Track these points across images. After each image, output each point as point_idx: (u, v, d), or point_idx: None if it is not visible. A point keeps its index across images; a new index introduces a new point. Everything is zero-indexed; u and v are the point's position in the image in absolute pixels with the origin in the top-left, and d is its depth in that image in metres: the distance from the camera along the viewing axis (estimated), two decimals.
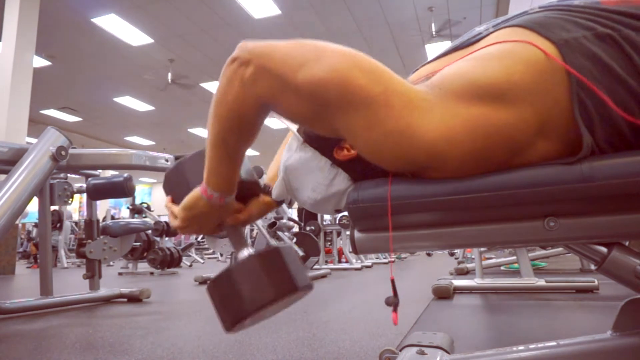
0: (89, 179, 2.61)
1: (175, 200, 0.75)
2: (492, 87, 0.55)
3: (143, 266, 5.64)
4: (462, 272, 3.81)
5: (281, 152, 0.89)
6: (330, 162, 0.70)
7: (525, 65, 0.54)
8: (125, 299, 2.58)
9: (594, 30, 0.54)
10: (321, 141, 0.72)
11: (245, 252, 0.70)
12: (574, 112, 0.53)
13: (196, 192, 0.69)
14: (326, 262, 5.92)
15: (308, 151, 0.72)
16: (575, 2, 0.60)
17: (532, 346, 0.70)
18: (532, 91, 0.54)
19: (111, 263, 7.33)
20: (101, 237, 2.67)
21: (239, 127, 0.62)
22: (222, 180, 0.67)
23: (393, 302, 0.63)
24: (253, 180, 0.77)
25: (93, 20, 6.15)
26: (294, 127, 0.76)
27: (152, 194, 19.85)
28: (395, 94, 0.55)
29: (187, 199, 0.70)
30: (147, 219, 5.55)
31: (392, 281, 0.64)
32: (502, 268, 3.97)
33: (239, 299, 0.62)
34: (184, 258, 6.04)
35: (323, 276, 4.15)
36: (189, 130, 11.63)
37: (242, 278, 0.63)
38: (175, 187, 0.75)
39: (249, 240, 7.44)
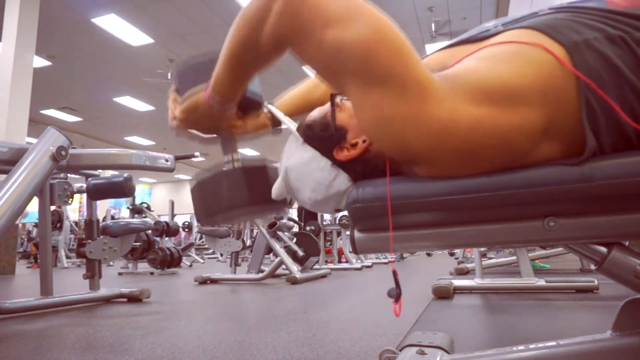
0: (89, 179, 2.61)
1: (180, 92, 0.77)
2: (503, 89, 0.54)
3: (143, 266, 5.64)
4: (462, 272, 3.81)
5: (303, 87, 0.91)
6: (330, 163, 0.70)
7: (536, 68, 0.54)
8: (125, 299, 2.58)
9: (605, 32, 0.54)
10: (321, 141, 0.72)
11: (231, 160, 0.76)
12: (581, 116, 0.53)
13: (199, 96, 0.71)
14: (326, 262, 5.92)
15: (308, 151, 0.72)
16: (583, 4, 0.60)
17: (532, 346, 0.70)
18: (541, 94, 0.54)
19: (111, 263, 7.33)
20: (101, 237, 2.67)
21: (254, 54, 0.63)
22: (227, 89, 0.69)
23: (395, 294, 0.63)
24: (257, 99, 0.80)
25: (93, 20, 6.15)
26: (293, 126, 0.76)
27: (152, 194, 19.85)
28: (413, 79, 0.55)
29: (189, 100, 0.73)
30: (147, 219, 5.55)
31: (394, 273, 0.64)
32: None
33: (217, 197, 0.69)
34: (184, 258, 6.04)
35: (323, 276, 4.15)
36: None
37: (225, 181, 0.70)
38: (182, 81, 0.78)
39: (248, 242, 7.44)
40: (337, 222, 6.07)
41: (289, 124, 0.77)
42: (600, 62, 0.53)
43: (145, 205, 6.26)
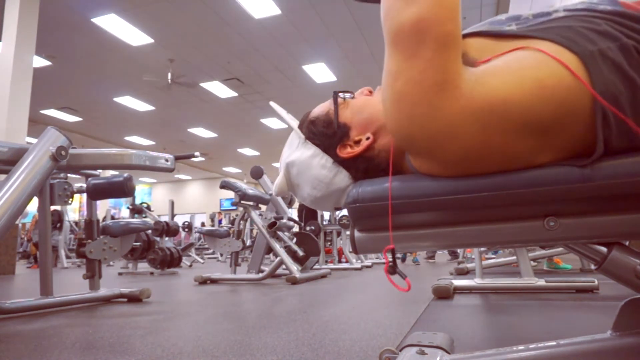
0: (89, 179, 2.61)
1: None
2: (521, 117, 0.53)
3: (143, 266, 5.64)
4: (462, 272, 3.81)
5: None
6: (332, 160, 0.71)
7: (556, 80, 0.53)
8: (125, 299, 2.58)
9: (619, 41, 0.54)
10: (324, 138, 0.72)
11: None
12: (594, 124, 0.53)
13: None
14: (326, 262, 5.92)
15: (310, 148, 0.72)
16: (598, 7, 0.59)
17: (532, 346, 0.70)
18: (557, 111, 0.53)
19: (111, 263, 7.33)
20: (101, 237, 2.67)
21: None
22: None
23: (395, 271, 0.63)
24: None
25: (93, 20, 6.15)
26: (294, 124, 0.76)
27: (152, 194, 19.85)
28: (437, 67, 0.54)
29: None
30: (147, 219, 5.55)
31: (392, 250, 0.63)
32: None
33: None
34: (184, 258, 6.04)
35: (323, 276, 4.15)
36: (189, 130, 11.63)
37: None
38: None
39: (248, 242, 7.42)
40: (337, 222, 6.07)
41: (291, 122, 0.77)
42: (616, 73, 0.52)
43: (145, 205, 6.26)
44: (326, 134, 0.72)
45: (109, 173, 6.71)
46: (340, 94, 0.75)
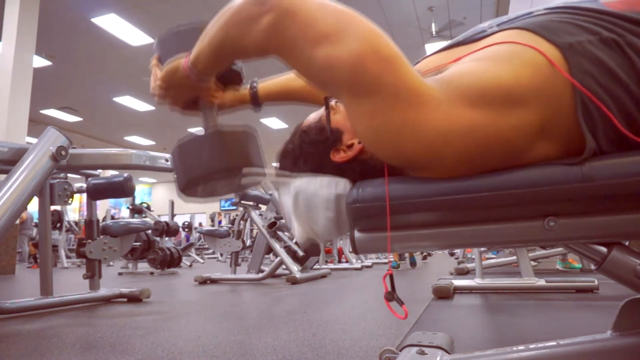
0: (89, 179, 2.61)
1: (162, 60, 0.74)
2: (499, 90, 0.54)
3: (143, 266, 5.64)
4: (462, 272, 3.81)
5: (286, 75, 0.90)
6: (329, 177, 0.69)
7: (532, 69, 0.54)
8: (125, 299, 2.58)
9: (599, 34, 0.54)
10: (318, 145, 0.71)
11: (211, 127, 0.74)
12: (577, 116, 0.53)
13: (178, 62, 0.69)
14: (326, 262, 5.92)
15: (298, 180, 0.70)
16: (579, 5, 0.60)
17: (532, 346, 0.70)
18: (537, 95, 0.54)
19: (111, 263, 7.33)
20: (101, 237, 2.67)
21: (237, 51, 0.63)
22: (207, 67, 0.67)
23: (393, 298, 0.63)
24: (237, 70, 0.79)
25: (93, 20, 6.15)
26: (287, 199, 0.73)
27: (152, 194, 19.85)
28: (405, 87, 0.54)
29: (168, 66, 0.70)
30: (147, 219, 5.55)
31: (391, 276, 0.63)
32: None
33: (196, 160, 0.68)
34: (184, 258, 6.04)
35: (323, 276, 4.15)
36: (189, 130, 11.64)
37: (204, 144, 0.69)
38: (164, 49, 0.75)
39: (248, 242, 7.43)
40: None
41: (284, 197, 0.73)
42: (596, 65, 0.53)
43: (145, 205, 6.26)
44: (319, 141, 0.71)
45: (109, 173, 6.71)
46: (332, 99, 0.74)
